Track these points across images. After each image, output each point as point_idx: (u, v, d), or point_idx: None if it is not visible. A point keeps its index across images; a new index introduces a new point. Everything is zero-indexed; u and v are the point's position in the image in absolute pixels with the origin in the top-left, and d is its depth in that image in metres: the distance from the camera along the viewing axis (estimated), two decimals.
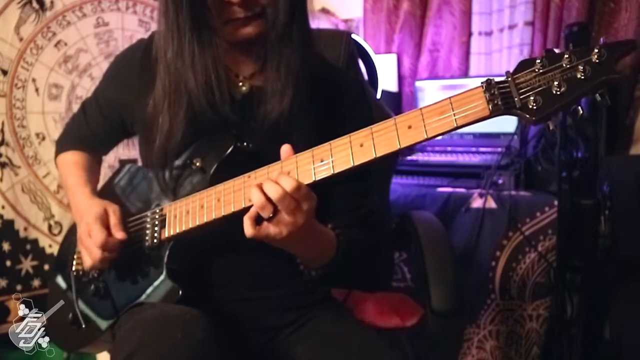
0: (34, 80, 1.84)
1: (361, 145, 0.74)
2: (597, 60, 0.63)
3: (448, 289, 1.13)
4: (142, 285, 0.94)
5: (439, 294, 1.12)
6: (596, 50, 0.63)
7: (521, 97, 0.66)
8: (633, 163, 1.71)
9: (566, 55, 0.64)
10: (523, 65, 0.67)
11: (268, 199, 0.75)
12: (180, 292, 0.88)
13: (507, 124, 1.84)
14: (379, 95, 1.86)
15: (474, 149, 1.90)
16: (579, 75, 0.64)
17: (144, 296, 0.93)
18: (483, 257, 1.72)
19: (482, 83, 0.68)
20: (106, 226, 0.93)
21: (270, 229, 0.77)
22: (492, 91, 0.67)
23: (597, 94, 0.64)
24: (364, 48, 1.80)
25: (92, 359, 1.68)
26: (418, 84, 2.10)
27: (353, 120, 0.98)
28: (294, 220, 0.76)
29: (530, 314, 1.71)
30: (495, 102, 0.66)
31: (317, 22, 2.38)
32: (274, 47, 0.89)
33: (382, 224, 1.48)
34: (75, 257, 1.04)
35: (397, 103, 2.25)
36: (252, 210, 0.77)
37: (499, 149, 1.76)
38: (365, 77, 1.75)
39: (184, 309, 0.83)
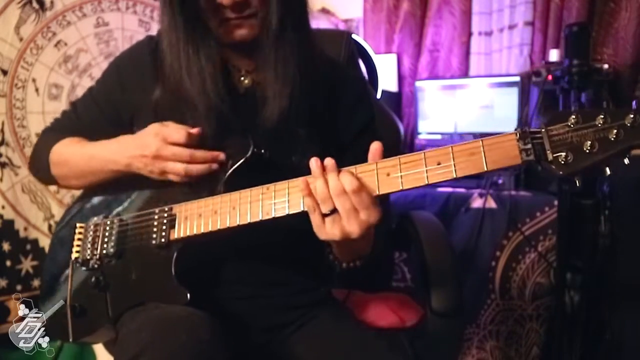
0: (34, 80, 1.84)
1: (388, 175, 0.74)
2: (629, 125, 0.65)
3: (448, 289, 1.13)
4: (145, 283, 0.93)
5: (439, 294, 1.12)
6: (631, 116, 0.64)
7: (553, 150, 0.67)
8: (633, 163, 1.71)
9: (601, 115, 0.66)
10: (557, 118, 0.68)
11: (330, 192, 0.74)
12: (189, 296, 0.87)
13: (507, 123, 1.84)
14: (379, 95, 1.86)
15: None
16: (611, 137, 0.65)
17: (147, 295, 0.92)
18: (483, 257, 1.72)
19: (515, 130, 0.69)
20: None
21: (327, 226, 0.76)
22: (526, 141, 0.68)
23: (626, 158, 0.66)
24: (364, 48, 1.80)
25: (90, 355, 1.68)
26: (418, 84, 2.10)
27: (355, 118, 0.99)
28: (347, 224, 0.74)
29: (530, 314, 1.71)
30: (528, 152, 0.68)
31: (317, 22, 2.38)
32: (268, 49, 0.89)
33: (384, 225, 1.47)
34: (74, 245, 1.01)
35: (397, 103, 2.26)
36: (310, 204, 0.76)
37: None
38: (365, 77, 1.75)
39: (188, 310, 0.83)
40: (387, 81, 2.17)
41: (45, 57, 1.85)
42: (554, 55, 1.79)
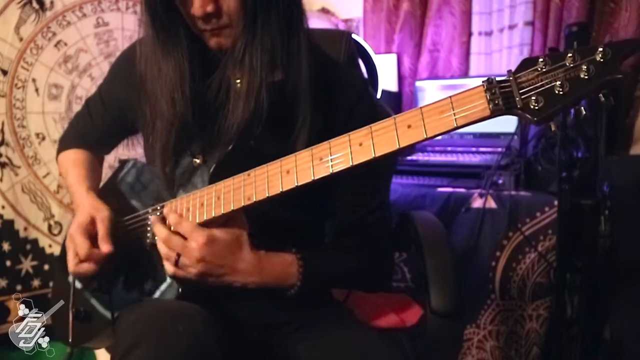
0: (34, 80, 1.84)
1: (360, 145, 0.73)
2: (601, 60, 0.61)
3: (448, 289, 1.12)
4: (144, 282, 0.95)
5: (439, 294, 1.11)
6: (600, 49, 0.61)
7: (522, 97, 0.64)
8: (633, 163, 1.71)
9: (569, 54, 0.62)
10: (525, 64, 0.65)
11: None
12: (180, 290, 0.89)
13: (507, 123, 1.84)
14: (379, 95, 1.86)
15: (474, 149, 1.89)
16: (582, 75, 0.62)
17: (146, 292, 0.93)
18: (483, 257, 1.72)
19: (483, 82, 0.66)
20: (92, 235, 0.94)
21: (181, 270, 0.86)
22: (493, 91, 0.65)
23: (601, 94, 0.62)
24: (364, 48, 1.80)
25: (91, 356, 1.69)
26: (418, 84, 2.10)
27: (355, 117, 0.99)
28: (189, 263, 0.84)
29: (530, 314, 1.71)
30: (496, 102, 0.65)
31: (317, 22, 2.38)
32: (238, 58, 0.88)
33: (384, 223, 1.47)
34: None
35: (397, 103, 2.26)
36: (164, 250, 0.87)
37: (499, 149, 1.76)
38: (366, 77, 1.75)
39: (185, 304, 0.84)
40: (387, 81, 2.16)
41: (45, 57, 1.85)
42: None
